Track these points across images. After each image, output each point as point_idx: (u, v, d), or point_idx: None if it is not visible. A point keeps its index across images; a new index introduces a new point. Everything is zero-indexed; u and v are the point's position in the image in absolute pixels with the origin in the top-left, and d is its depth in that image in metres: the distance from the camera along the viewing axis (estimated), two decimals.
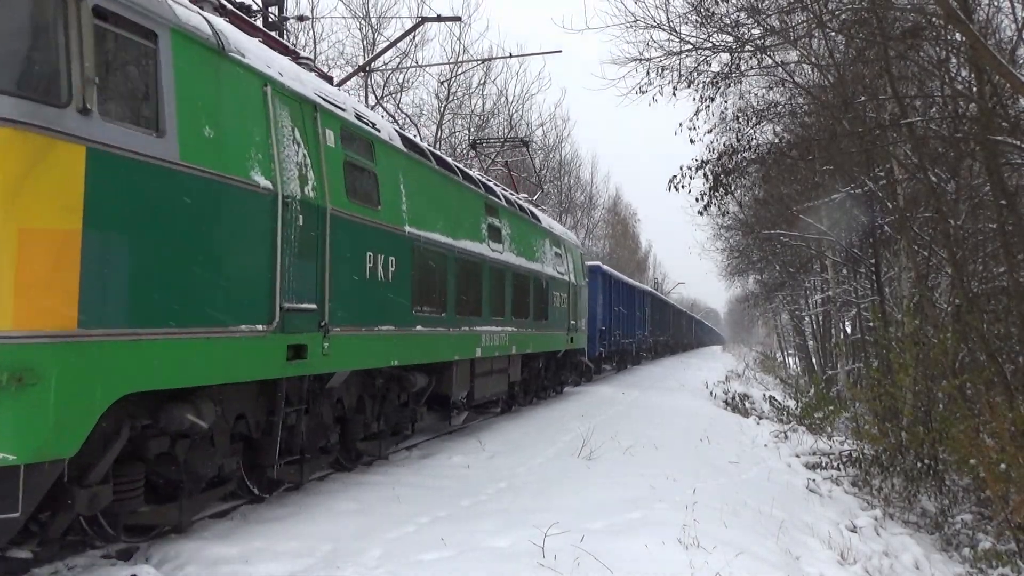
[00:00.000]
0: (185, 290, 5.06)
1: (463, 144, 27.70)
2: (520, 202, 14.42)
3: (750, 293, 48.12)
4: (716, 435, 12.09)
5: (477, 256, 10.81)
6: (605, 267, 25.65)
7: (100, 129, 4.39)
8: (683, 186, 11.68)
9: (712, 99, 12.13)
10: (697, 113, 12.11)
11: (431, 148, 10.17)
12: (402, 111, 24.28)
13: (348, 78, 16.75)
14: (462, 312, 10.13)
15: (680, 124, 12.10)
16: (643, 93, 11.93)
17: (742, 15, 11.35)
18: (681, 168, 11.66)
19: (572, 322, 17.19)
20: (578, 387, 20.95)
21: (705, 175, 11.62)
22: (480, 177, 12.35)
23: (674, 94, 11.89)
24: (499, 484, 8.00)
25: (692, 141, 12.32)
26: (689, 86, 11.84)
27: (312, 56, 21.64)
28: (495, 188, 12.71)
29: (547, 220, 16.29)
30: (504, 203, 12.60)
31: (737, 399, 20.97)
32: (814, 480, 9.67)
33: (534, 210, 15.32)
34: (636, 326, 31.31)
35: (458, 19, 19.78)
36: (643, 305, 33.80)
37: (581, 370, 20.40)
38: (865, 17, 10.72)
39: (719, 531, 5.98)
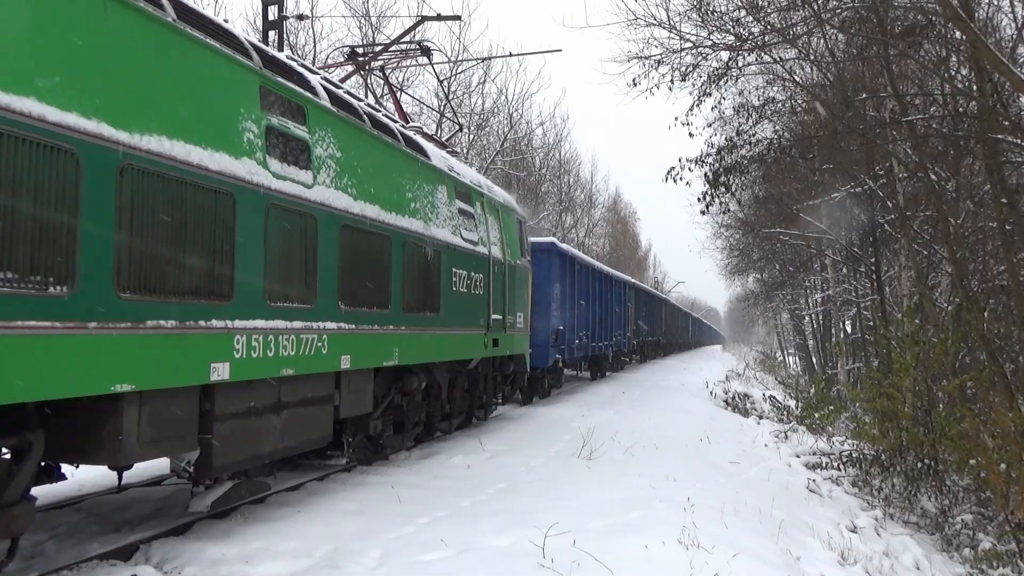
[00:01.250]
0: None
1: (463, 143, 27.71)
2: (379, 116, 8.85)
3: (750, 292, 48.20)
4: (716, 435, 12.08)
5: (217, 179, 5.57)
6: (564, 246, 19.31)
7: None
8: (681, 178, 11.60)
9: (708, 94, 12.13)
10: (692, 109, 12.10)
11: None
12: (402, 110, 24.26)
13: (348, 77, 16.74)
14: (157, 290, 5.04)
15: (675, 119, 12.07)
16: (635, 85, 11.96)
17: (742, 13, 11.37)
18: (680, 160, 11.63)
19: (496, 317, 11.59)
20: (527, 406, 15.87)
21: (705, 174, 11.60)
22: (270, 52, 6.95)
23: (670, 89, 11.92)
24: (499, 484, 8.00)
25: (691, 135, 12.30)
26: (684, 79, 11.86)
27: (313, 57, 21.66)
28: (305, 74, 7.25)
29: (445, 159, 10.46)
30: (325, 101, 7.18)
31: (737, 399, 20.97)
32: (814, 480, 9.67)
33: (416, 138, 9.77)
34: (614, 325, 25.22)
35: (458, 18, 19.73)
36: (624, 299, 27.58)
37: (523, 385, 14.89)
38: (865, 15, 10.73)
39: (719, 531, 5.97)
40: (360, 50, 14.77)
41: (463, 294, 10.36)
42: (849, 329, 27.44)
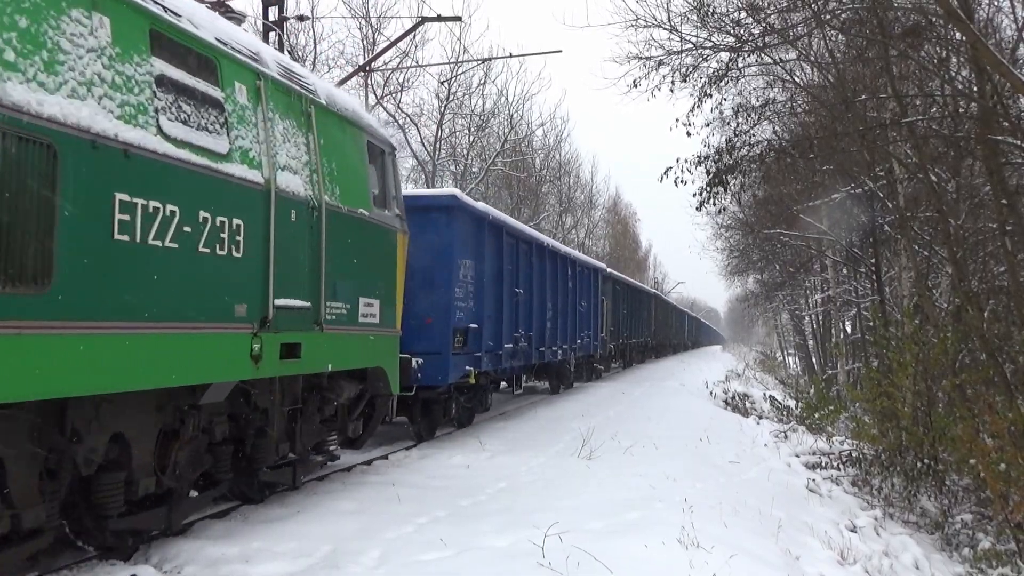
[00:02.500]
0: None
1: (463, 144, 27.71)
2: None
3: (750, 293, 48.21)
4: (716, 435, 12.09)
5: None
6: (479, 204, 12.97)
7: None
8: (681, 180, 11.59)
9: (709, 95, 12.13)
10: (692, 110, 12.10)
11: None
12: (402, 111, 24.32)
13: (348, 78, 16.75)
14: None
15: (676, 120, 12.07)
16: (636, 87, 11.98)
17: (742, 14, 11.38)
18: (677, 160, 11.62)
19: (291, 303, 6.37)
20: (420, 446, 10.64)
21: (707, 169, 11.61)
22: None
23: (671, 91, 11.92)
24: (499, 484, 8.00)
25: (689, 135, 12.30)
26: (684, 81, 11.87)
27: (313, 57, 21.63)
28: None
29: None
30: None
31: (737, 399, 20.97)
32: (814, 480, 9.67)
33: None
34: (579, 324, 19.74)
35: (458, 19, 19.79)
36: (594, 292, 21.81)
37: (386, 417, 9.12)
38: (865, 17, 10.74)
39: (719, 531, 5.98)
40: None
41: (169, 252, 5.03)
42: (849, 329, 27.44)
